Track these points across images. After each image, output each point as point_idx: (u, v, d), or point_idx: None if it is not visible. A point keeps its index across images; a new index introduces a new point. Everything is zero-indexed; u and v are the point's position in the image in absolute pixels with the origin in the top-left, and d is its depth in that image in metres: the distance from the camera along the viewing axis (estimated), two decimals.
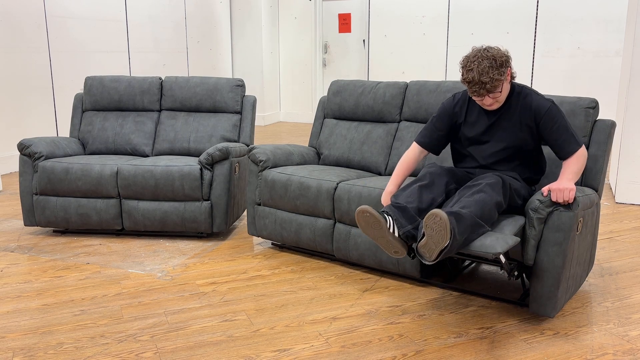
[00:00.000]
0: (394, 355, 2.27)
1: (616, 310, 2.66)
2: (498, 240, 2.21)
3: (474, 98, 2.54)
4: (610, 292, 2.86)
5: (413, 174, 3.27)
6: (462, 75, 2.50)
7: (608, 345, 2.33)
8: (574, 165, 2.49)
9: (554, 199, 2.39)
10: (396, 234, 2.35)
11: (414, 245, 2.38)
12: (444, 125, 2.71)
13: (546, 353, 2.27)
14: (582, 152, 2.50)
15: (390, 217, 2.36)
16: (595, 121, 2.81)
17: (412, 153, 2.75)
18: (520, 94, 2.59)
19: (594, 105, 2.78)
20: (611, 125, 2.76)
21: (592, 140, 2.77)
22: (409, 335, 2.42)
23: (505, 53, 2.50)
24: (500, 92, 2.48)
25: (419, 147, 2.75)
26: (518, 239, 2.27)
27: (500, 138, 2.61)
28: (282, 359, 2.25)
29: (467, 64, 2.48)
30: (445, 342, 2.37)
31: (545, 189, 2.45)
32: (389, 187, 2.72)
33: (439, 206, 2.46)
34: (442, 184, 2.51)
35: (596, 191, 2.72)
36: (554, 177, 2.81)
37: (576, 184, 2.76)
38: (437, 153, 2.79)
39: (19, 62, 5.82)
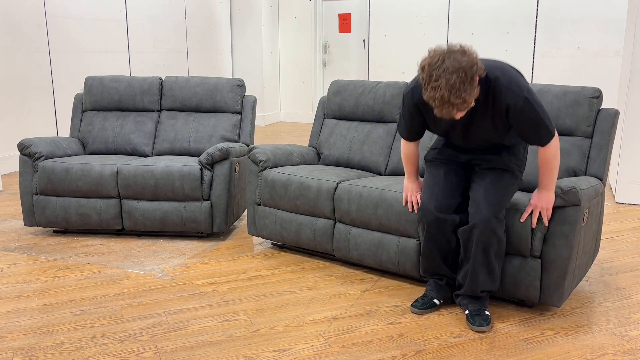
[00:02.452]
0: (394, 355, 2.27)
1: (616, 310, 2.66)
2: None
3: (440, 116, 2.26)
4: (610, 292, 2.86)
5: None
6: (427, 91, 2.14)
7: (608, 345, 2.33)
8: (551, 167, 2.38)
9: (535, 220, 2.45)
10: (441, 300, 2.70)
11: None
12: (415, 115, 2.53)
13: (546, 353, 2.27)
14: (553, 144, 2.36)
15: (436, 299, 2.67)
16: (599, 110, 2.83)
17: (408, 147, 2.70)
18: (490, 91, 2.29)
19: (597, 95, 2.80)
20: (615, 114, 2.78)
21: (596, 130, 2.80)
22: (409, 335, 2.42)
23: (474, 57, 2.15)
24: (473, 102, 2.20)
25: (409, 141, 2.68)
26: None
27: (474, 137, 2.46)
28: (282, 359, 2.25)
29: (432, 78, 2.10)
30: (445, 342, 2.37)
31: (527, 210, 2.46)
32: (408, 180, 2.76)
33: (455, 229, 2.59)
34: (447, 226, 2.55)
35: (601, 180, 2.75)
36: None
37: (579, 174, 2.79)
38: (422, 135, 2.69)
39: (19, 62, 5.82)
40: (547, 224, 2.45)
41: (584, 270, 2.74)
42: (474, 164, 2.60)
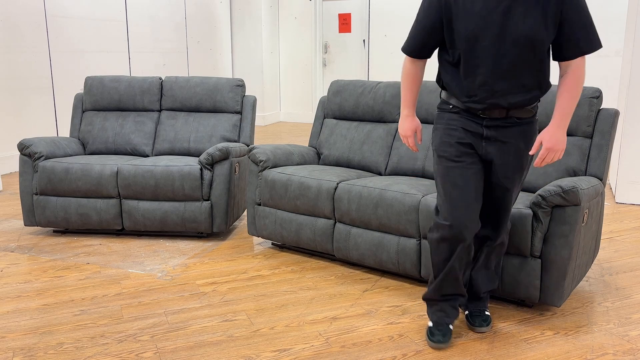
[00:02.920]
0: (394, 355, 2.26)
1: (616, 310, 2.66)
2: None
3: None
4: (610, 292, 2.86)
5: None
6: None
7: (608, 345, 2.33)
8: (576, 92, 2.07)
9: (538, 163, 2.14)
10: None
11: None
12: (436, 21, 2.14)
13: (546, 353, 2.27)
14: (584, 63, 2.07)
15: (451, 324, 2.38)
16: (599, 110, 2.83)
17: (412, 68, 2.28)
18: None
19: (597, 95, 2.80)
20: (615, 114, 2.79)
21: (596, 130, 2.81)
22: (409, 335, 2.42)
23: None
24: None
25: (415, 59, 2.27)
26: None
27: (515, 32, 2.01)
28: (282, 359, 2.25)
29: None
30: None
31: (536, 145, 2.12)
32: (406, 118, 2.37)
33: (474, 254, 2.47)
34: (472, 243, 2.33)
35: (601, 180, 2.75)
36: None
37: (579, 174, 2.78)
38: (430, 56, 2.30)
39: (19, 62, 5.82)
40: (539, 165, 2.17)
41: (584, 270, 2.74)
42: (491, 160, 2.23)
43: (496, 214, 2.34)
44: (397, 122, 3.53)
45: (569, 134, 2.87)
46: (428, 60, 8.09)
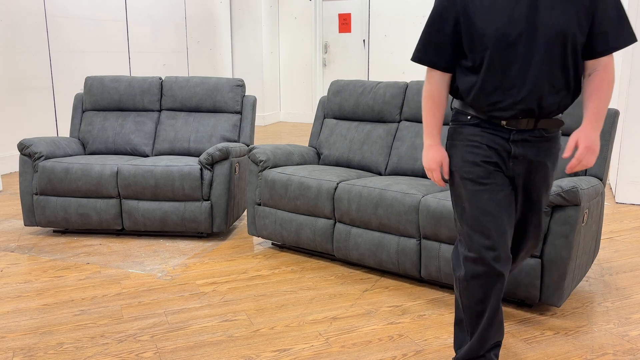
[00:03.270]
0: (394, 355, 2.27)
1: (616, 310, 2.66)
2: None
3: None
4: (610, 292, 2.86)
5: None
6: None
7: (608, 345, 2.33)
8: (608, 92, 1.83)
9: (574, 165, 1.85)
10: None
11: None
12: (451, 21, 1.86)
13: (546, 353, 2.27)
14: (612, 62, 1.84)
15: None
16: None
17: (432, 87, 1.95)
18: None
19: None
20: (615, 114, 2.78)
21: None
22: (409, 335, 2.42)
23: None
24: None
25: (441, 73, 1.94)
26: None
27: (543, 25, 1.77)
28: (282, 359, 2.25)
29: None
30: (445, 342, 2.37)
31: (571, 145, 1.83)
32: (431, 148, 2.00)
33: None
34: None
35: (601, 180, 2.75)
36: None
37: (579, 174, 2.78)
38: (451, 69, 1.94)
39: (19, 62, 5.82)
40: (571, 171, 1.87)
41: (584, 270, 2.74)
42: (517, 181, 1.97)
43: (519, 241, 2.09)
44: (397, 122, 3.53)
45: (569, 134, 2.87)
46: None
